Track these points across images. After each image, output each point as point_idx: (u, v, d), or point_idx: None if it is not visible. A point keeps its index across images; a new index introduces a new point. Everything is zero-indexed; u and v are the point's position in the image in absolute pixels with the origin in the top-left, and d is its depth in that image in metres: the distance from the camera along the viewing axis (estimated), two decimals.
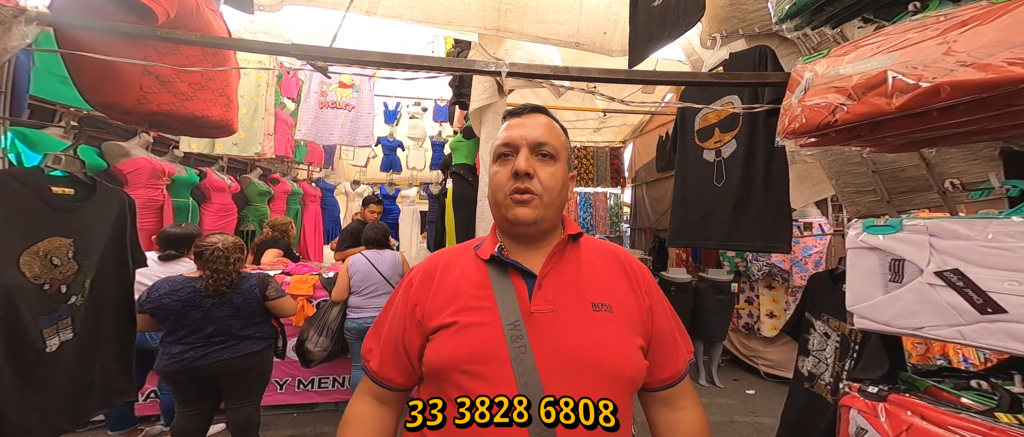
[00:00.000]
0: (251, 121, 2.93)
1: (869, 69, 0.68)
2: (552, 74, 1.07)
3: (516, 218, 0.59)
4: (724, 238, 1.35)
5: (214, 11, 1.34)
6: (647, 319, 0.61)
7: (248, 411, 1.83)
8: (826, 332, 1.33)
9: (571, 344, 0.55)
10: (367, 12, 1.75)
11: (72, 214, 0.96)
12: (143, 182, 2.29)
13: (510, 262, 0.61)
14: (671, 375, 0.63)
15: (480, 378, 0.53)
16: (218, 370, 1.71)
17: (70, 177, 0.97)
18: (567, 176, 0.65)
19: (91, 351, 1.03)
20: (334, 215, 4.77)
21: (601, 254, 0.66)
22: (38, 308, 0.87)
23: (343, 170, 5.30)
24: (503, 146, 0.62)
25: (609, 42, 1.95)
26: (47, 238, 0.89)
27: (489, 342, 0.54)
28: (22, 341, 0.84)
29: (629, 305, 0.60)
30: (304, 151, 4.16)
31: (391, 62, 1.07)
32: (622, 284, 0.62)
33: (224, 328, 1.70)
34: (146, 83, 1.13)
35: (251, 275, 1.84)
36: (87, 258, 1.00)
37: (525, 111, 0.65)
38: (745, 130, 1.30)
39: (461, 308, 0.58)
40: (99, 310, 1.05)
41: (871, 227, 0.83)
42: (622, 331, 0.57)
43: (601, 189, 5.23)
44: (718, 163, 1.38)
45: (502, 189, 0.60)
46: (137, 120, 1.21)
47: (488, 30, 1.84)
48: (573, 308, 0.58)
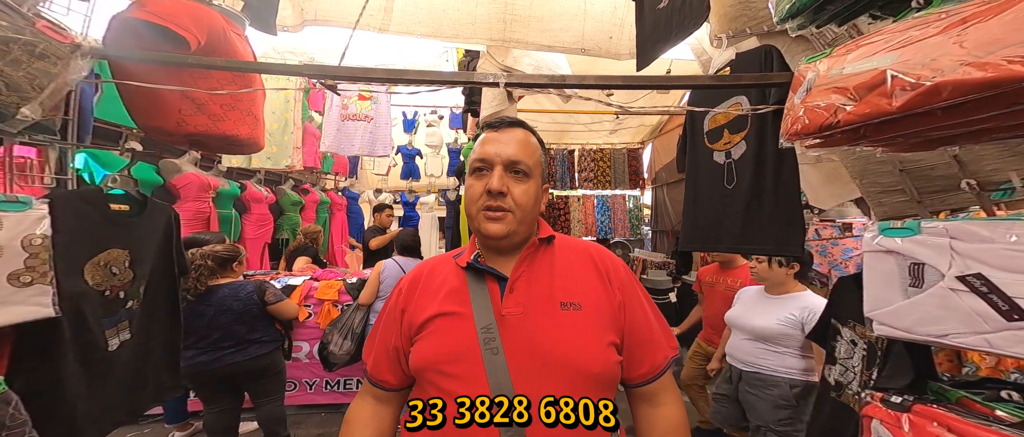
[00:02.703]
0: (281, 136, 3.14)
1: (869, 68, 0.66)
2: (548, 83, 1.10)
3: (488, 233, 0.62)
4: (736, 241, 1.32)
5: (240, 35, 1.47)
6: (618, 314, 0.62)
7: (271, 408, 1.98)
8: (853, 340, 1.26)
9: (540, 344, 0.57)
10: (380, 30, 1.86)
11: (127, 228, 1.09)
12: (192, 195, 2.53)
13: (484, 268, 0.64)
14: (649, 371, 0.64)
15: (455, 378, 0.56)
16: (232, 372, 1.86)
17: (125, 194, 1.11)
18: (540, 191, 0.67)
19: (145, 351, 1.16)
20: (358, 223, 4.98)
21: (575, 253, 0.68)
22: (100, 312, 1.00)
23: (367, 179, 5.53)
24: (478, 161, 0.64)
25: (616, 46, 1.96)
26: (107, 250, 1.02)
27: (463, 344, 0.57)
28: (88, 341, 0.96)
29: (599, 302, 0.62)
30: (331, 162, 4.39)
31: (395, 78, 1.14)
32: (592, 281, 0.64)
33: (230, 333, 1.83)
34: (184, 107, 1.26)
35: (248, 282, 1.95)
36: (141, 267, 1.13)
37: (502, 125, 0.67)
38: (754, 131, 1.27)
39: (439, 313, 0.61)
40: (151, 314, 1.18)
41: (888, 230, 0.81)
42: (591, 328, 0.59)
43: (619, 192, 5.14)
44: (728, 165, 1.36)
45: (475, 203, 0.63)
46: (179, 141, 1.35)
47: (494, 41, 1.91)
48: (543, 309, 0.60)
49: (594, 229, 5.08)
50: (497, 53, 2.09)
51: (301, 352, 2.75)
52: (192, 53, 1.15)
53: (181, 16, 1.16)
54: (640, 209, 5.34)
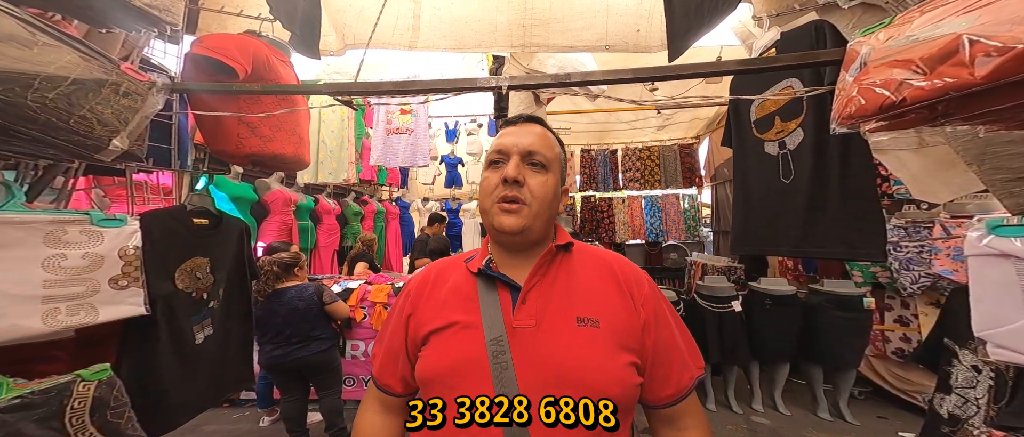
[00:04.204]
0: (339, 152, 3.46)
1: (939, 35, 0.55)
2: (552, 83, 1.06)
3: (502, 226, 0.58)
4: (797, 244, 1.16)
5: (283, 61, 1.65)
6: (640, 334, 0.57)
7: (332, 399, 2.21)
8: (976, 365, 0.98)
9: (553, 361, 0.53)
10: (408, 47, 1.95)
11: (207, 239, 1.27)
12: (279, 209, 2.92)
13: (496, 275, 0.60)
14: (673, 393, 0.58)
15: (461, 391, 0.53)
16: (299, 365, 2.08)
17: (204, 210, 1.29)
18: (559, 188, 0.63)
19: (224, 345, 1.33)
20: (410, 230, 5.29)
21: (594, 264, 0.63)
22: (189, 311, 1.17)
23: (416, 189, 5.87)
24: (495, 153, 0.62)
25: (645, 39, 1.84)
26: (192, 258, 1.19)
27: (471, 355, 0.55)
28: (180, 336, 1.13)
29: (618, 319, 0.57)
30: (385, 174, 4.75)
31: (403, 89, 1.18)
32: (612, 296, 0.59)
33: (297, 331, 2.06)
34: (241, 131, 1.44)
35: (310, 285, 2.17)
36: (219, 272, 1.30)
37: (519, 120, 0.65)
38: (812, 117, 1.11)
39: (448, 322, 0.58)
40: (228, 313, 1.36)
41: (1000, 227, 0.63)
42: (609, 347, 0.54)
43: (671, 191, 4.74)
44: (783, 156, 1.20)
45: (490, 195, 0.60)
46: (240, 161, 1.55)
47: (515, 47, 1.91)
48: (558, 323, 0.56)
49: (642, 232, 4.76)
50: (521, 57, 2.09)
51: (358, 350, 2.99)
52: (240, 81, 1.31)
53: (229, 48, 1.33)
54: (697, 209, 4.91)
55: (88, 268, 0.77)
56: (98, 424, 0.81)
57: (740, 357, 2.62)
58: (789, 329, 2.54)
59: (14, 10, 0.67)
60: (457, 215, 5.18)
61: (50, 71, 0.70)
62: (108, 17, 0.92)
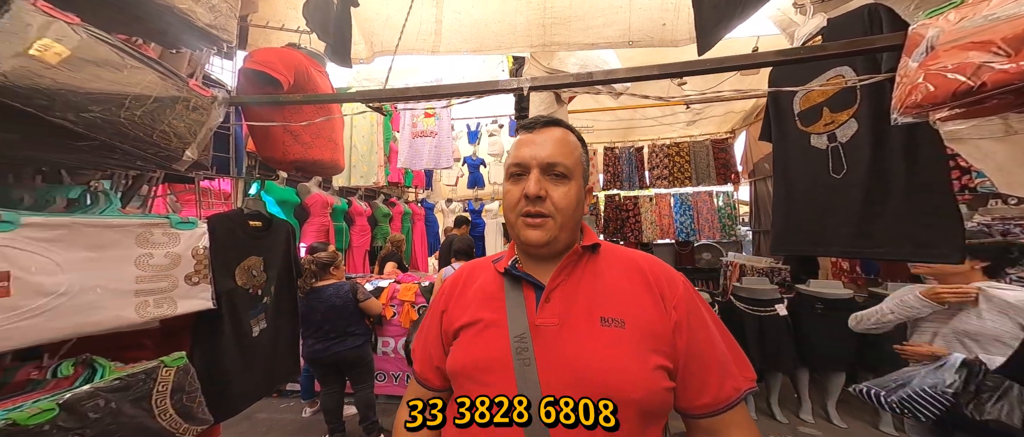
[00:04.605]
0: (369, 156, 3.60)
1: None
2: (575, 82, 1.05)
3: (528, 240, 0.59)
4: (851, 243, 1.09)
5: (320, 71, 1.74)
6: (671, 336, 0.55)
7: (365, 393, 2.36)
8: None
9: (574, 359, 0.53)
10: (432, 52, 2.00)
11: (260, 240, 1.37)
12: (318, 211, 3.09)
13: (521, 275, 0.61)
14: (711, 402, 0.55)
15: (485, 386, 0.55)
16: (337, 359, 2.22)
17: (258, 214, 1.39)
18: (583, 191, 0.62)
19: (275, 338, 1.43)
20: (434, 230, 5.42)
21: (622, 264, 0.62)
22: (247, 306, 1.26)
23: (439, 190, 6.00)
24: (514, 165, 0.61)
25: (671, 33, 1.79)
26: (248, 257, 1.29)
27: (495, 352, 0.56)
28: (240, 328, 1.23)
29: (647, 320, 0.55)
30: (411, 176, 4.89)
31: (428, 94, 1.22)
32: (641, 297, 0.58)
33: (334, 327, 2.19)
34: (286, 139, 1.55)
35: (346, 283, 2.29)
36: (271, 270, 1.40)
37: (537, 125, 0.63)
38: (868, 106, 1.05)
39: (475, 320, 0.60)
40: (278, 309, 1.45)
41: None
42: (634, 348, 0.53)
43: (703, 188, 4.53)
44: (833, 149, 1.13)
45: (513, 209, 0.60)
46: (286, 167, 1.66)
47: (535, 47, 1.89)
48: (580, 322, 0.56)
49: (672, 231, 4.59)
50: (541, 57, 2.08)
51: (389, 347, 3.10)
52: (284, 92, 1.41)
53: (275, 62, 1.43)
54: (734, 207, 4.66)
55: (169, 266, 0.86)
56: (176, 406, 0.90)
57: (785, 363, 2.47)
58: (844, 335, 2.28)
59: (108, 38, 0.76)
60: (479, 216, 5.25)
61: (136, 91, 0.79)
62: (178, 39, 1.01)
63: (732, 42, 1.50)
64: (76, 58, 0.68)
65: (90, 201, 0.82)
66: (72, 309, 0.67)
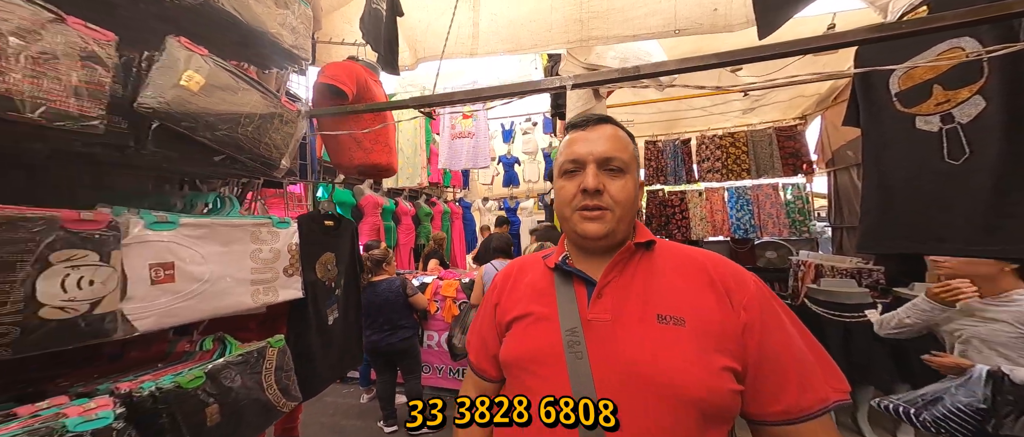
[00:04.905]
0: (414, 158, 3.79)
1: None
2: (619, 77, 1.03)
3: (586, 233, 0.59)
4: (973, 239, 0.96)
5: (376, 81, 1.87)
6: (740, 337, 0.53)
7: (414, 383, 2.53)
8: None
9: (629, 356, 0.53)
10: (470, 54, 2.04)
11: (333, 237, 1.51)
12: (370, 211, 3.33)
13: (573, 270, 0.62)
14: (787, 410, 0.51)
15: (538, 377, 0.56)
16: (390, 350, 2.40)
17: (331, 214, 1.54)
18: (638, 186, 0.63)
19: (345, 327, 1.57)
20: (471, 228, 5.58)
21: (681, 263, 0.60)
22: (324, 296, 1.41)
23: (476, 189, 6.15)
24: (569, 162, 0.61)
25: (724, 18, 1.67)
26: (324, 253, 1.43)
27: (547, 344, 0.57)
28: (320, 317, 1.37)
29: (710, 319, 0.54)
30: (449, 176, 5.07)
31: (473, 97, 1.28)
32: (704, 296, 0.56)
33: (387, 319, 2.37)
34: (351, 146, 1.69)
35: (397, 278, 2.46)
36: (340, 265, 1.54)
37: (589, 123, 0.63)
38: (998, 80, 0.92)
39: (525, 313, 0.62)
40: (347, 301, 1.60)
41: None
42: (696, 347, 0.51)
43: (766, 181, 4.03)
44: (949, 132, 1.00)
45: (569, 204, 0.61)
46: (352, 172, 1.80)
47: (572, 43, 1.85)
48: (635, 318, 0.55)
49: (725, 227, 4.14)
50: (578, 52, 2.04)
51: (432, 340, 3.27)
52: (349, 103, 1.55)
53: (341, 75, 1.57)
54: (805, 200, 4.10)
55: (272, 259, 0.99)
56: (277, 382, 1.03)
57: (877, 377, 2.17)
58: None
59: (226, 65, 0.89)
60: (515, 214, 5.33)
61: (247, 110, 0.92)
62: (271, 60, 1.16)
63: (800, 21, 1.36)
64: (208, 85, 0.81)
65: (219, 205, 0.97)
66: (212, 294, 0.81)
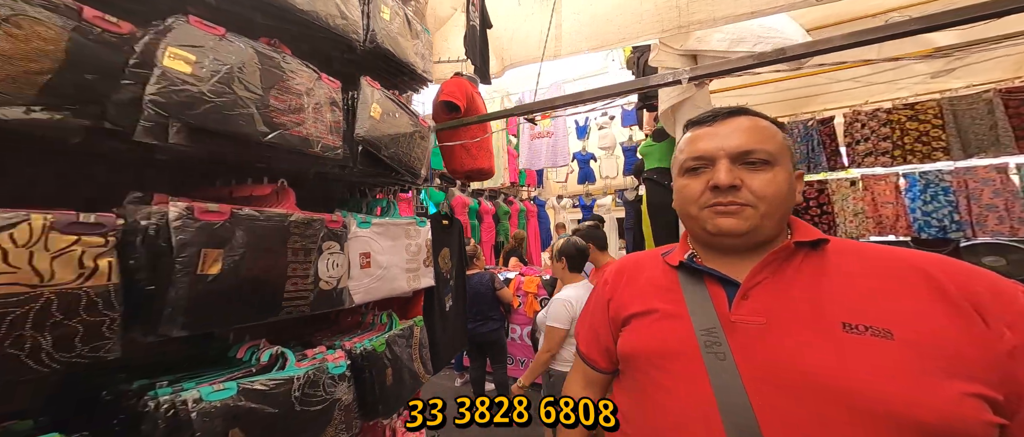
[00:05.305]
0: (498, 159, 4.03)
1: None
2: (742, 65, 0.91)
3: (719, 228, 0.53)
4: None
5: (478, 92, 2.05)
6: (998, 362, 0.42)
7: (502, 373, 2.72)
8: None
9: (803, 365, 0.46)
10: (553, 57, 2.02)
11: (447, 235, 1.73)
12: (459, 211, 3.68)
13: (704, 269, 0.56)
14: None
15: (667, 373, 0.53)
16: (481, 340, 2.62)
17: (446, 214, 1.75)
18: (793, 178, 0.54)
19: (456, 314, 1.79)
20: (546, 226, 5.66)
21: (878, 265, 0.50)
22: (443, 285, 1.62)
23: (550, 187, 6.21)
24: (692, 159, 0.56)
25: None
26: (443, 248, 1.65)
27: (675, 343, 0.54)
28: (441, 303, 1.59)
29: (935, 335, 0.44)
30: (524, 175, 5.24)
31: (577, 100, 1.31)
32: (922, 306, 0.46)
33: (480, 310, 2.59)
34: (461, 153, 1.89)
35: (485, 273, 2.68)
36: (454, 259, 1.75)
37: (718, 117, 0.56)
38: None
39: (649, 308, 0.59)
40: (457, 290, 1.81)
41: None
42: (915, 367, 0.43)
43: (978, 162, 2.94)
44: None
45: (695, 202, 0.56)
46: (462, 176, 2.03)
47: (668, 32, 1.68)
48: (803, 325, 0.48)
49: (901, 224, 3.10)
50: (672, 39, 1.84)
51: (515, 334, 3.43)
52: (461, 115, 1.74)
53: (455, 91, 1.77)
54: None
55: (417, 252, 1.20)
56: (419, 355, 1.23)
57: None
58: None
59: (390, 95, 1.10)
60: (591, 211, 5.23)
61: (403, 130, 1.12)
62: (409, 85, 1.38)
63: None
64: (383, 113, 1.01)
65: (387, 208, 1.22)
66: (388, 278, 1.02)
